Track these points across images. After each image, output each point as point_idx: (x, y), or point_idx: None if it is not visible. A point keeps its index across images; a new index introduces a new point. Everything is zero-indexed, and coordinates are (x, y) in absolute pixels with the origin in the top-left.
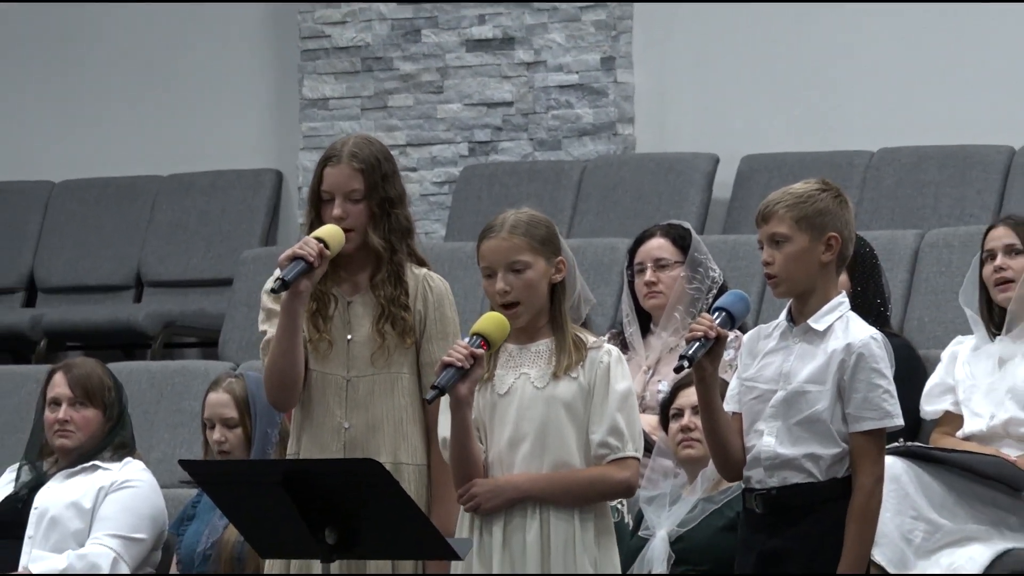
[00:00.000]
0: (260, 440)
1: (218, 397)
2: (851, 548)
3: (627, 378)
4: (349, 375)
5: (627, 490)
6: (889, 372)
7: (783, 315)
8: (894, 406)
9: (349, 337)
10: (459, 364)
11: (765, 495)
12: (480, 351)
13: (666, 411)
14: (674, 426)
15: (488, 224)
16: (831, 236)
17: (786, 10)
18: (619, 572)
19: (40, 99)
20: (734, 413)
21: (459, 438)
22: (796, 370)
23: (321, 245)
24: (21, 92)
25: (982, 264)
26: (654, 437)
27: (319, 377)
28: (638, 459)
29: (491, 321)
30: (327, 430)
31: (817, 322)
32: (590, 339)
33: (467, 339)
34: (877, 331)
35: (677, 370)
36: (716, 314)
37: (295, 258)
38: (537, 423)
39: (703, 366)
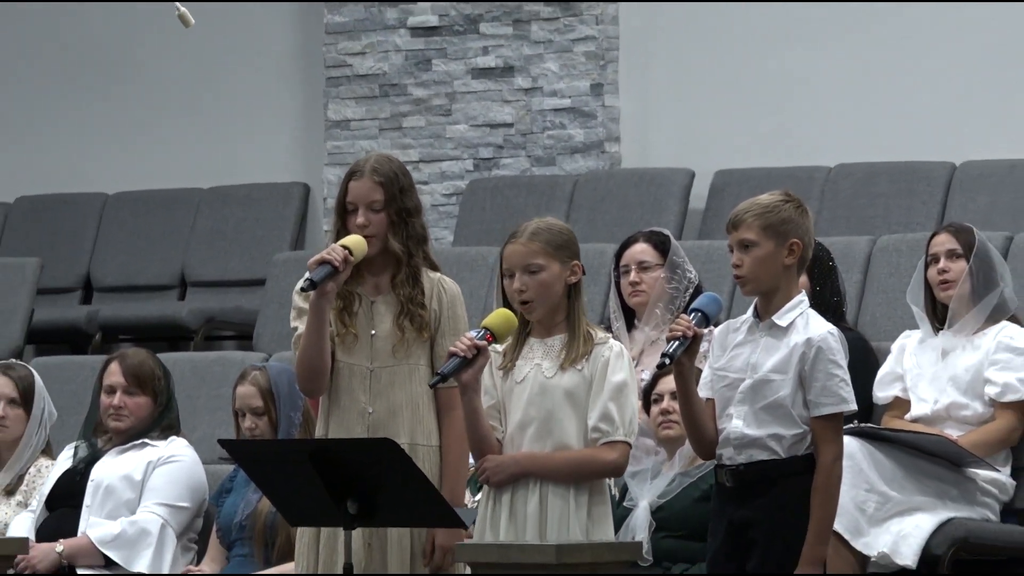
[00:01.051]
0: (285, 423)
1: (245, 389)
2: (816, 518)
3: (624, 371)
4: (373, 366)
5: (615, 470)
6: (844, 363)
7: (750, 311)
8: (849, 393)
9: (373, 332)
10: (462, 354)
11: (734, 470)
12: (484, 343)
13: (648, 396)
14: (655, 409)
15: (513, 230)
16: (793, 242)
17: (754, 43)
18: (610, 540)
19: (96, 121)
20: (707, 399)
21: (468, 419)
22: (762, 361)
23: (346, 252)
24: (80, 115)
25: (927, 267)
26: (637, 419)
27: (346, 367)
28: (628, 444)
29: (498, 317)
30: (353, 415)
31: (780, 318)
32: (599, 335)
33: (475, 332)
34: (834, 326)
35: (660, 367)
36: (693, 315)
37: (323, 262)
38: (543, 409)
39: (682, 362)
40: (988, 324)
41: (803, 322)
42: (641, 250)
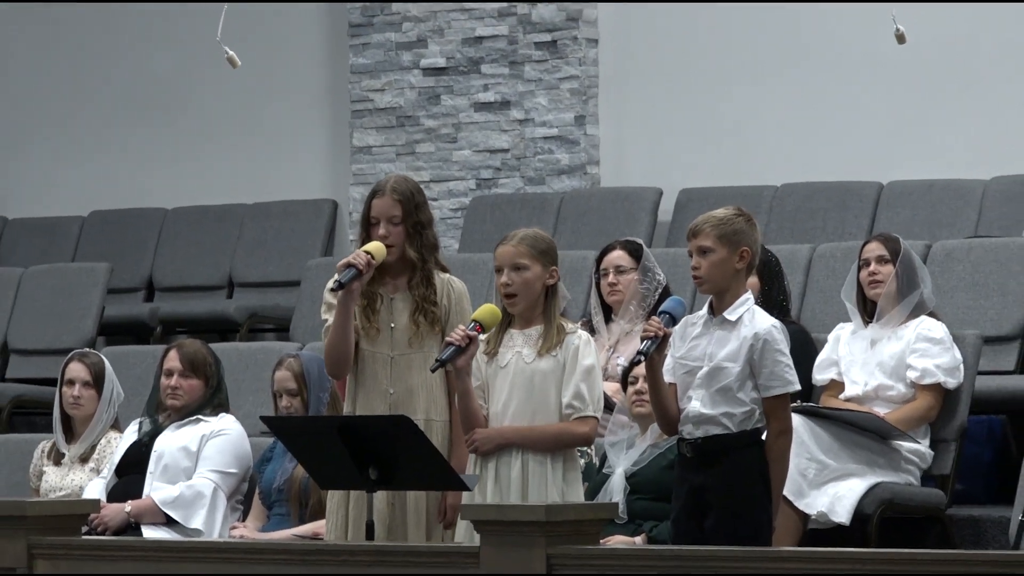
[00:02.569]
0: (315, 402)
1: (282, 374)
2: (776, 476)
3: (592, 356)
4: (393, 354)
5: (585, 441)
6: (787, 350)
7: (705, 308)
8: (793, 376)
9: (392, 325)
10: (456, 343)
11: (693, 443)
12: (474, 333)
13: (625, 379)
14: (631, 390)
15: (505, 235)
16: (744, 249)
17: (713, 81)
18: (581, 501)
19: (158, 147)
20: (670, 383)
21: (461, 398)
22: (716, 351)
23: (368, 256)
24: (144, 142)
25: (859, 270)
26: (615, 399)
27: (370, 355)
28: (597, 418)
29: (485, 311)
30: (376, 396)
31: (730, 314)
32: (569, 327)
33: (469, 325)
34: (776, 320)
35: (637, 362)
36: (662, 316)
37: (349, 265)
38: (523, 389)
39: (652, 357)
40: (910, 318)
41: (749, 317)
42: (618, 256)
